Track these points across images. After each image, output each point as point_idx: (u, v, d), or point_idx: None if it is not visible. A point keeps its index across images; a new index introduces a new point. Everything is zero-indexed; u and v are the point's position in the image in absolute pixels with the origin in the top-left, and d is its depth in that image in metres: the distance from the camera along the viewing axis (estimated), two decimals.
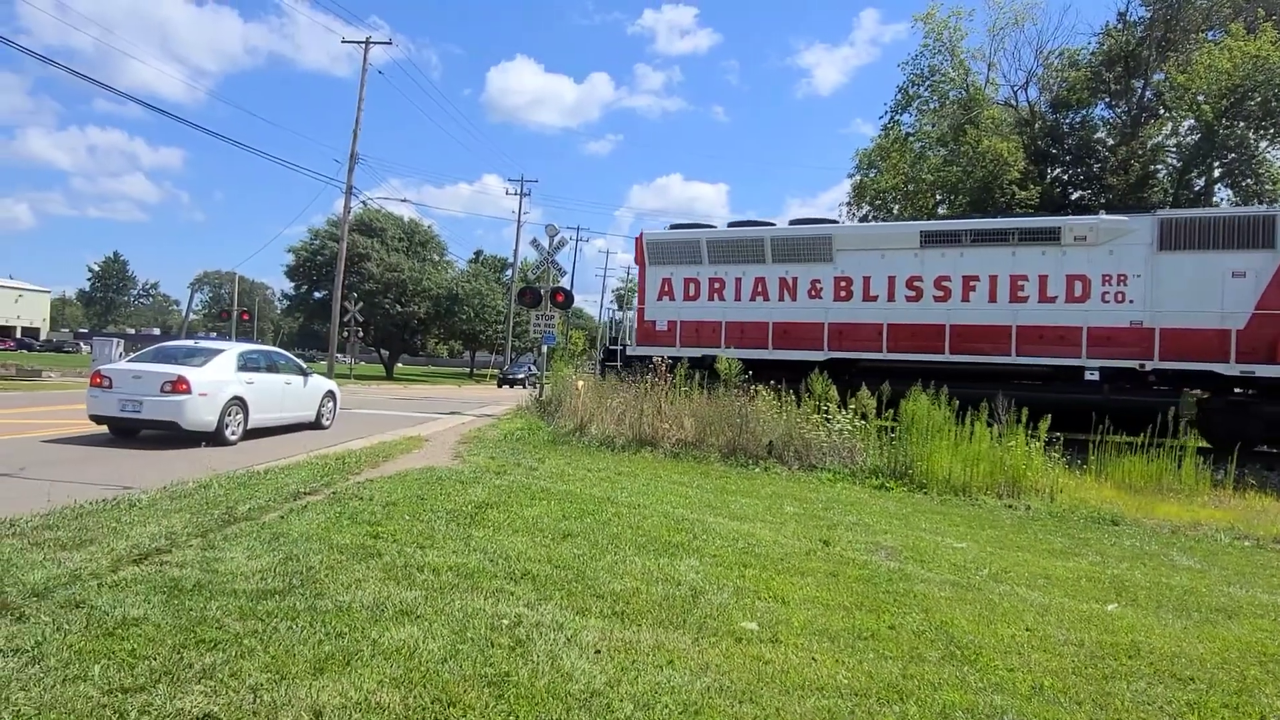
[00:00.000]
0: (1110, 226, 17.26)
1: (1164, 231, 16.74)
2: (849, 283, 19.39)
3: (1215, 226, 16.56)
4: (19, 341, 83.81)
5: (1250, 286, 16.02)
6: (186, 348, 14.08)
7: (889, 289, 18.96)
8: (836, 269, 19.50)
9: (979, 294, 18.13)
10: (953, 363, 17.65)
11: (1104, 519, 10.76)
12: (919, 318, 18.48)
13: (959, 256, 18.46)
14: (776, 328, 19.75)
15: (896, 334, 18.59)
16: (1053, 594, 6.65)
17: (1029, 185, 30.36)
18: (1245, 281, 16.03)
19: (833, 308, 19.37)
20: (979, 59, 35.84)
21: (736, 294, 20.43)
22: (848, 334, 19.08)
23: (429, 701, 3.70)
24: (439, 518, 7.44)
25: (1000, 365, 17.36)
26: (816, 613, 5.57)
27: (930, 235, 18.94)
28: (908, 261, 18.86)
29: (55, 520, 6.47)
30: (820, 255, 19.72)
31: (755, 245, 20.38)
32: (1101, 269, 17.14)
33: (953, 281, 18.39)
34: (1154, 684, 4.71)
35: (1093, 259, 17.25)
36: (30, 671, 3.73)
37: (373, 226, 59.57)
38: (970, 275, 18.24)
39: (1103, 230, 17.25)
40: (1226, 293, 16.13)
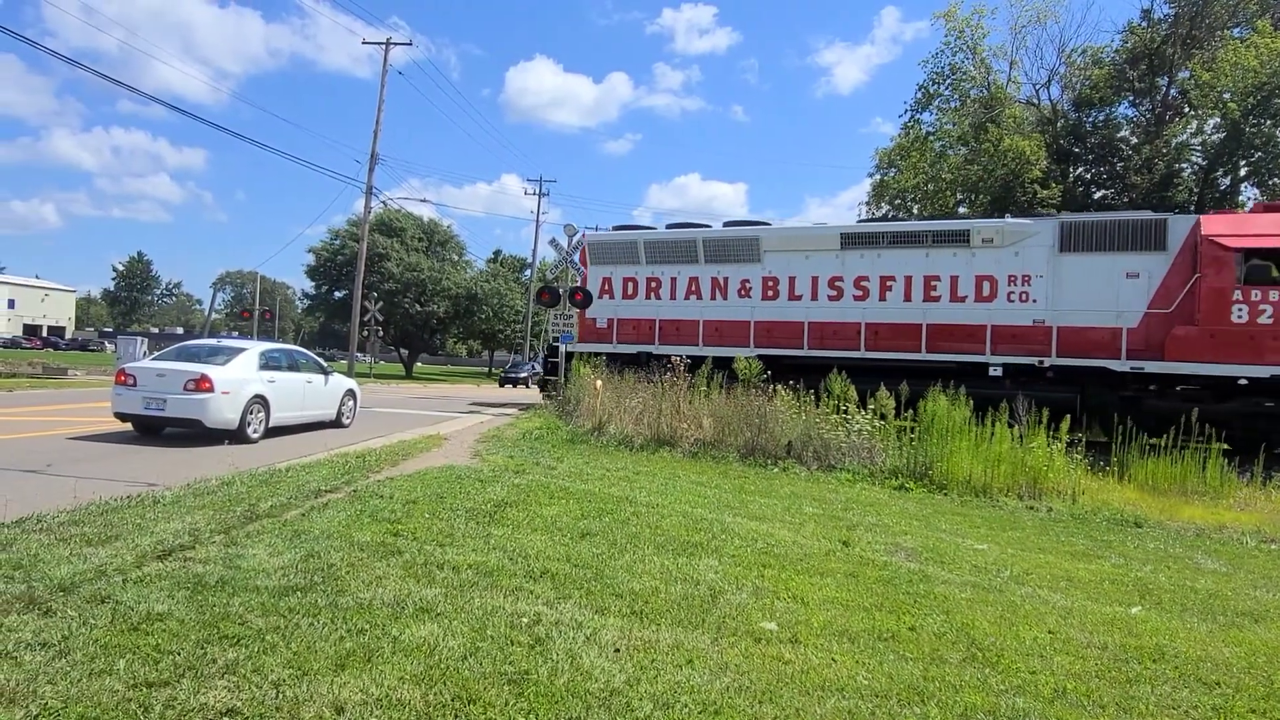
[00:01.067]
0: (1015, 229, 18.17)
1: (1064, 234, 17.61)
2: (776, 282, 20.33)
3: (1111, 230, 17.35)
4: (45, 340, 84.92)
5: (1143, 287, 16.85)
6: (209, 346, 14.22)
7: (812, 289, 19.91)
8: (764, 269, 20.42)
9: (895, 293, 19.05)
10: (868, 359, 18.44)
11: (1127, 521, 10.65)
12: (839, 316, 19.38)
13: (877, 258, 19.33)
14: (707, 325, 20.66)
15: (817, 332, 19.55)
16: (1075, 596, 6.59)
17: (1051, 184, 30.11)
18: (1139, 282, 16.88)
19: (759, 306, 20.28)
20: (1001, 57, 35.61)
21: (672, 293, 21.39)
22: (774, 332, 19.99)
23: (449, 698, 3.72)
24: (458, 516, 7.47)
25: (912, 362, 18.09)
26: (836, 613, 5.54)
27: (850, 237, 19.77)
28: (829, 262, 19.75)
29: (81, 516, 6.55)
30: (749, 256, 20.61)
31: (689, 246, 21.32)
32: (1008, 270, 17.99)
33: (871, 282, 19.30)
34: (1179, 688, 4.65)
35: (1000, 260, 18.11)
36: (57, 665, 3.77)
37: (393, 226, 59.89)
38: (887, 276, 19.13)
39: (1008, 233, 18.12)
40: (1121, 293, 16.97)
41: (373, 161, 39.97)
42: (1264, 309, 15.74)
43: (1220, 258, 16.08)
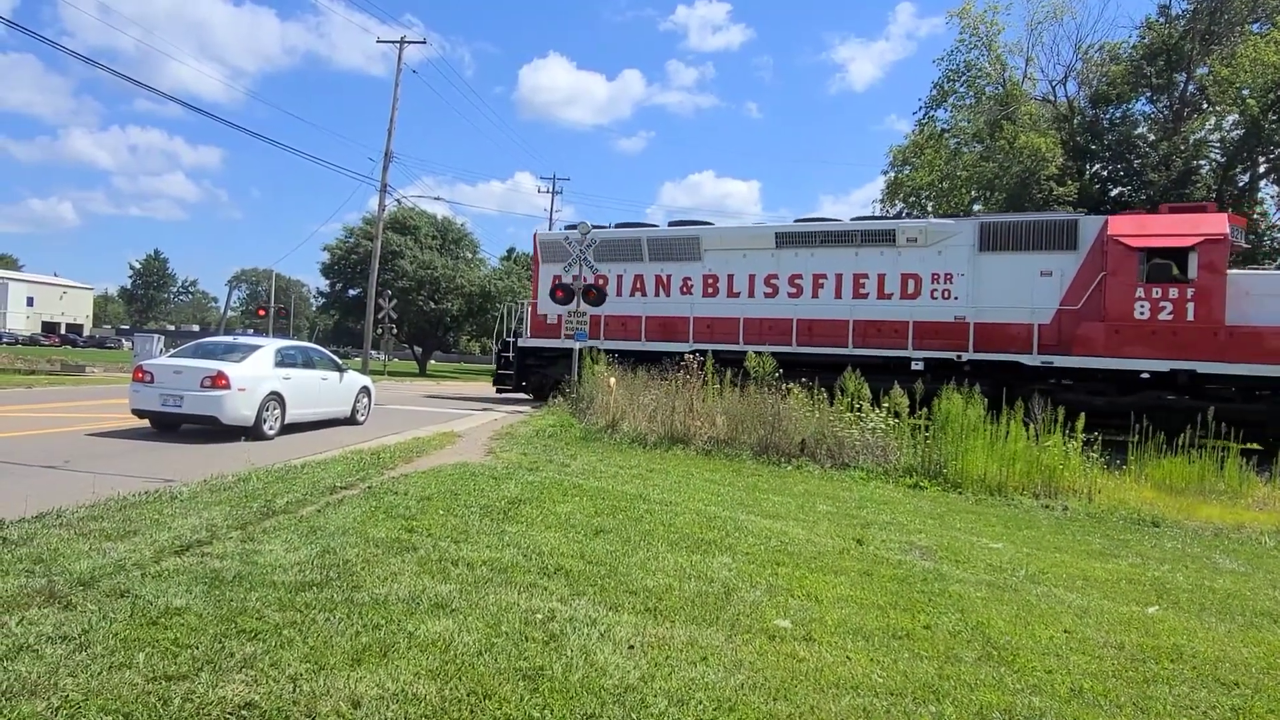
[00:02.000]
0: (938, 229, 19.15)
1: (984, 234, 18.47)
2: (715, 280, 21.30)
3: (1027, 230, 18.19)
4: (63, 337, 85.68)
5: (1056, 285, 17.66)
6: (225, 344, 14.30)
7: (749, 286, 20.82)
8: (705, 267, 21.40)
9: (826, 291, 19.98)
10: (799, 354, 19.26)
11: (1144, 520, 10.58)
12: (773, 312, 20.27)
13: (810, 256, 20.25)
14: (650, 321, 21.69)
15: (753, 327, 20.39)
16: (1091, 596, 6.56)
17: (1067, 181, 29.90)
18: (1052, 280, 17.69)
19: (699, 303, 21.28)
20: (1016, 53, 35.43)
21: (618, 290, 22.17)
22: (713, 327, 20.89)
23: (464, 694, 3.73)
24: (473, 513, 7.49)
25: (839, 356, 18.65)
26: (851, 611, 5.53)
27: (784, 237, 20.67)
28: (766, 261, 20.68)
29: (100, 512, 6.61)
30: (691, 255, 21.59)
31: (634, 245, 22.29)
32: (931, 268, 18.87)
33: (804, 279, 20.23)
34: (1196, 688, 4.62)
35: (924, 259, 18.97)
36: (77, 658, 3.81)
37: (406, 224, 60.07)
38: (819, 274, 20.08)
39: (931, 233, 19.04)
40: (1035, 290, 17.76)
41: (387, 160, 40.12)
42: (1164, 306, 16.50)
43: (1124, 257, 16.86)
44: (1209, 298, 16.25)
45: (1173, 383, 16.21)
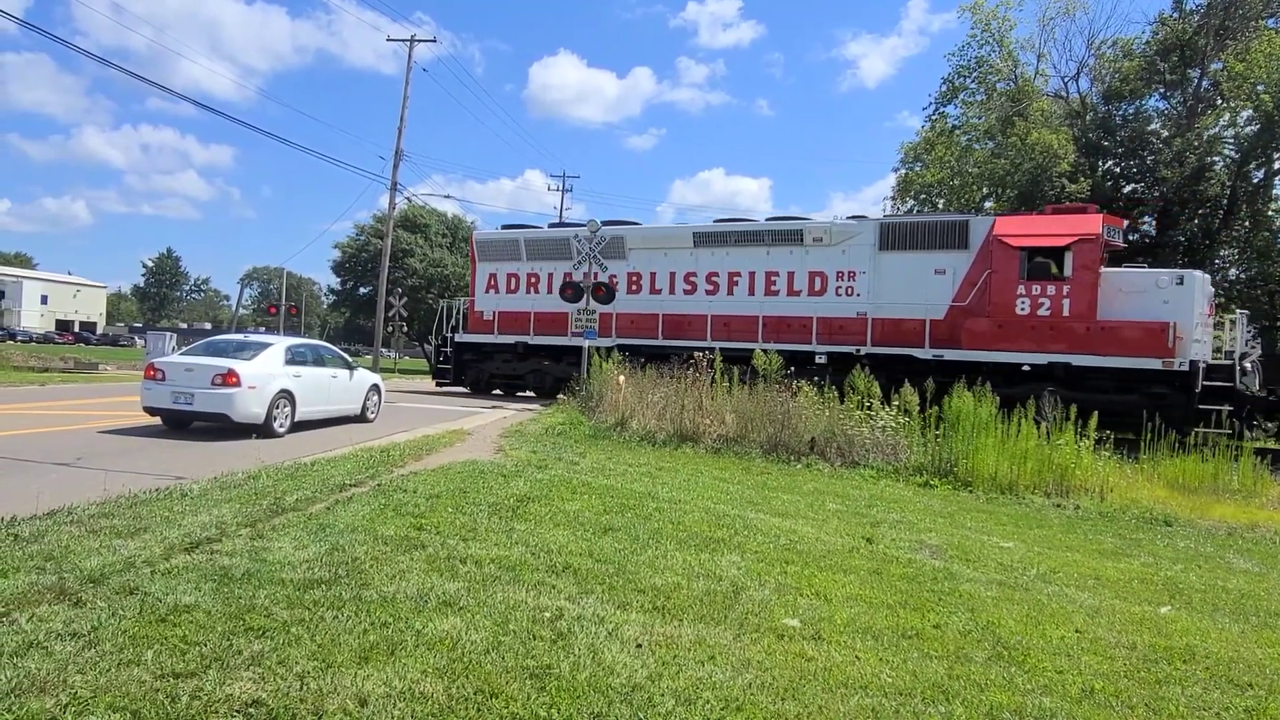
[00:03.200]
0: (842, 229, 20.15)
1: (884, 234, 19.53)
2: (639, 278, 22.24)
3: (923, 230, 19.26)
4: (77, 335, 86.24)
5: (948, 282, 18.62)
6: (236, 341, 14.35)
7: (670, 283, 21.85)
8: (629, 265, 22.36)
9: (741, 288, 20.96)
10: (713, 348, 19.15)
11: (1156, 519, 10.51)
12: (690, 309, 21.34)
13: (725, 255, 21.24)
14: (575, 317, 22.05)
15: (671, 323, 21.50)
16: (1103, 595, 6.51)
17: (1079, 178, 29.69)
18: (945, 278, 18.66)
19: (623, 299, 21.96)
20: (1028, 49, 35.16)
21: (549, 287, 23.14)
22: (636, 323, 21.88)
23: (472, 692, 3.73)
24: (481, 511, 7.50)
25: (750, 351, 18.81)
26: (860, 611, 5.51)
27: (701, 236, 21.74)
28: (685, 259, 21.69)
29: (111, 509, 6.64)
30: (617, 253, 22.45)
31: (563, 244, 23.17)
32: (836, 266, 19.93)
33: (720, 277, 21.23)
34: (1210, 689, 4.58)
35: (829, 258, 20.01)
36: (87, 655, 3.82)
37: (417, 222, 60.18)
38: (734, 272, 21.07)
39: (836, 232, 20.05)
40: (930, 287, 18.75)
41: (397, 158, 40.20)
42: (1043, 302, 17.54)
43: (1007, 255, 17.87)
44: (1083, 294, 17.24)
45: (1051, 374, 17.02)
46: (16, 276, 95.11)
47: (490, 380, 24.71)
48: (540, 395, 23.38)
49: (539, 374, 23.85)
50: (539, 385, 23.81)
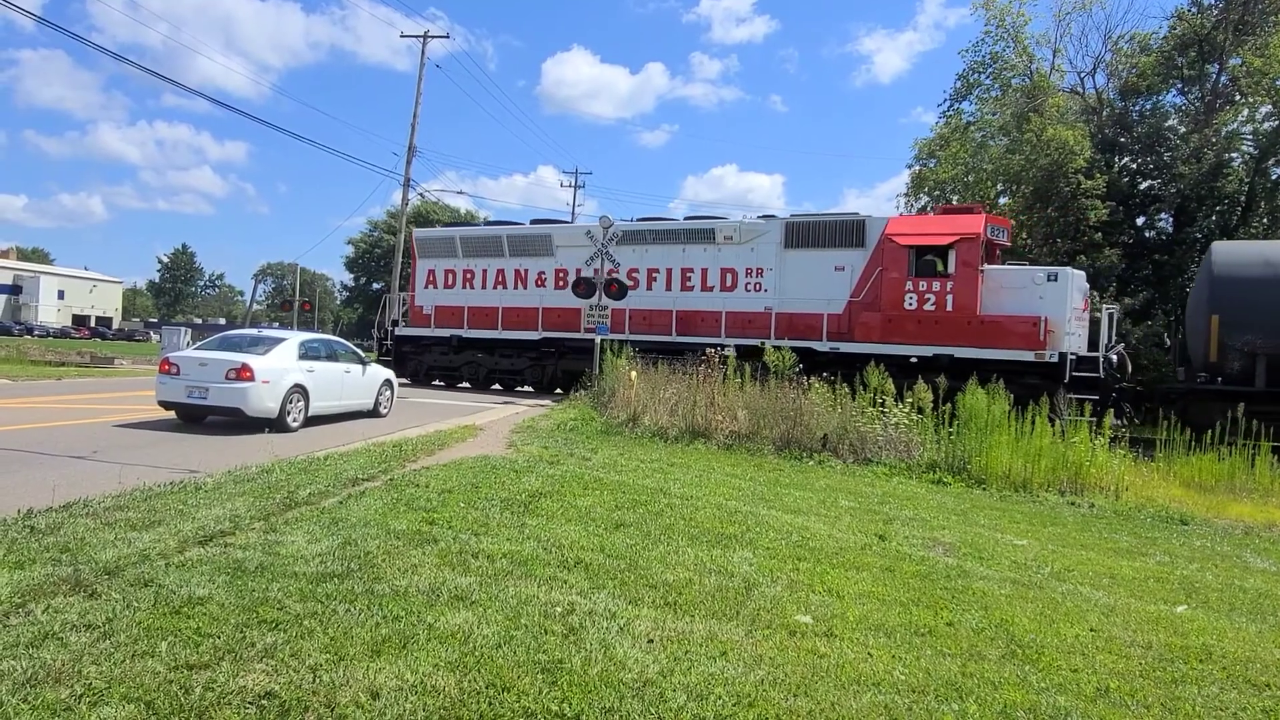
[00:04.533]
0: (750, 228, 21.12)
1: (789, 233, 20.43)
2: (565, 274, 22.94)
3: (825, 229, 20.21)
4: (93, 330, 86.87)
5: (846, 278, 19.60)
6: (250, 336, 14.42)
7: None
8: (556, 262, 23.30)
9: (659, 284, 21.93)
10: (631, 340, 20.78)
11: (1172, 518, 10.43)
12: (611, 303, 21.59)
13: (645, 253, 22.14)
14: (506, 312, 23.54)
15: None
16: (1118, 594, 6.47)
17: (1095, 175, 29.44)
18: (843, 274, 19.63)
19: (548, 295, 23.05)
20: (1044, 45, 34.87)
21: (483, 283, 24.29)
22: (561, 317, 22.64)
23: (483, 686, 3.73)
24: (493, 506, 7.51)
25: (665, 343, 20.82)
26: (872, 608, 5.48)
27: (623, 235, 22.56)
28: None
29: (126, 502, 6.69)
30: (544, 251, 23.55)
31: (496, 242, 24.31)
32: (745, 263, 20.87)
33: (640, 273, 22.09)
34: (1226, 689, 4.54)
35: (739, 255, 20.96)
36: (102, 646, 3.85)
37: (430, 219, 60.29)
38: (653, 268, 22.04)
39: (744, 231, 21.00)
40: (830, 283, 19.74)
41: (410, 154, 40.27)
42: (929, 297, 18.50)
43: (897, 253, 18.81)
44: (965, 290, 18.21)
45: (937, 366, 17.55)
46: (34, 272, 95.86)
47: (429, 372, 25.51)
48: (475, 386, 24.38)
49: (473, 366, 24.74)
50: (473, 377, 24.80)
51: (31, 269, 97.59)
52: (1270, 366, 17.08)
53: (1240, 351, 17.47)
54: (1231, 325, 17.53)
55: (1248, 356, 17.40)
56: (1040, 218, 30.29)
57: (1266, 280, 17.54)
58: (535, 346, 23.37)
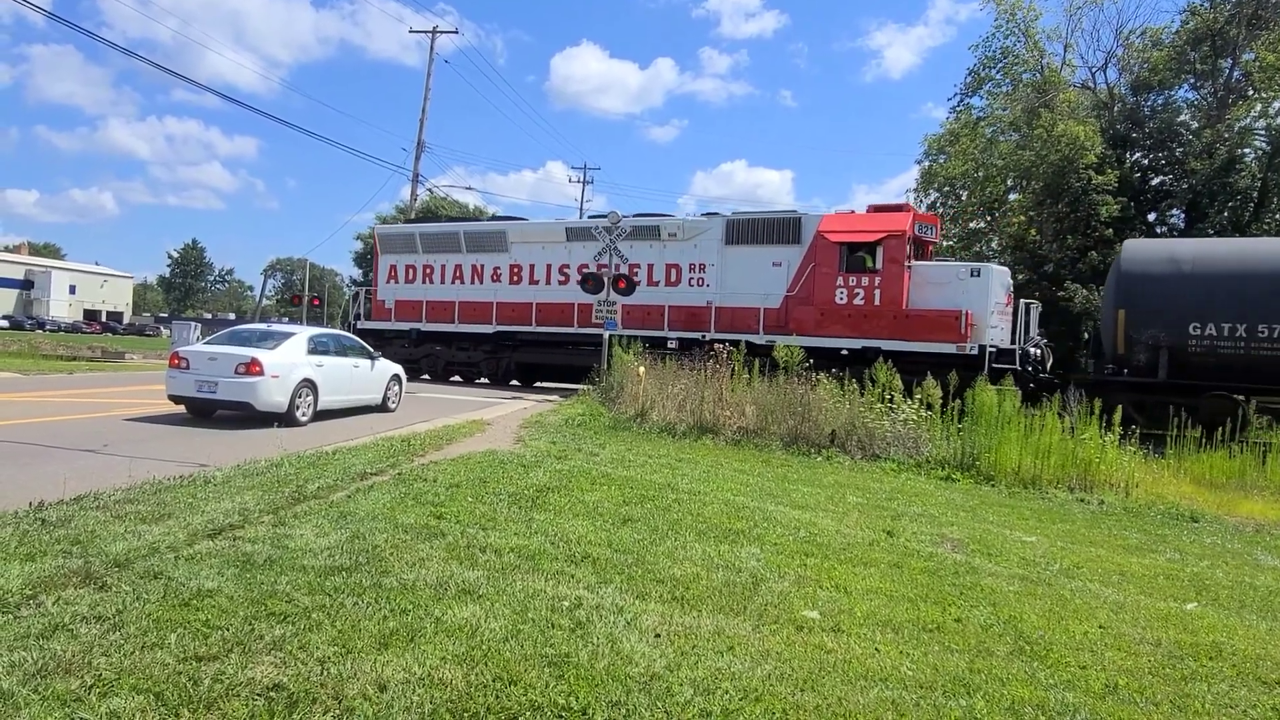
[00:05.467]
0: (693, 225, 21.86)
1: (730, 229, 21.20)
2: (519, 269, 23.93)
3: (763, 226, 20.93)
4: (104, 325, 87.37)
5: (783, 274, 20.34)
6: (259, 331, 14.46)
7: (546, 275, 23.53)
8: (511, 258, 24.09)
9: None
10: (579, 334, 22.30)
11: (1182, 515, 10.38)
12: (561, 298, 22.92)
13: (594, 249, 21.96)
14: (463, 306, 24.35)
15: (543, 312, 23.19)
16: (1128, 591, 6.44)
17: (1106, 170, 29.27)
18: (781, 270, 20.36)
19: (503, 290, 23.96)
20: (1055, 39, 34.67)
21: (441, 278, 25.11)
22: (514, 311, 23.62)
23: (490, 679, 3.74)
24: (501, 500, 7.52)
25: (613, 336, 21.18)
26: (880, 603, 5.47)
27: (573, 231, 23.42)
28: (559, 252, 23.39)
29: (136, 495, 6.72)
30: (500, 247, 24.29)
31: (453, 238, 25.23)
32: (689, 259, 21.65)
33: (590, 269, 22.04)
34: (1236, 686, 4.52)
35: (683, 251, 21.75)
36: (111, 638, 3.87)
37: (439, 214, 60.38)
38: (602, 264, 21.64)
39: (688, 228, 21.76)
40: (768, 279, 20.46)
41: (419, 149, 40.32)
42: (858, 292, 19.43)
43: (828, 250, 19.71)
44: (892, 285, 19.05)
45: (866, 358, 17.90)
46: (46, 267, 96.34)
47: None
48: (434, 379, 24.88)
49: (431, 358, 25.36)
50: (432, 369, 25.39)
51: (43, 264, 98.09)
52: (1172, 358, 17.79)
53: (1145, 345, 18.19)
54: (1137, 320, 18.28)
55: (1152, 349, 18.11)
56: (1051, 214, 30.14)
57: (1170, 277, 18.27)
58: (491, 339, 24.09)
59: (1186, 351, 17.68)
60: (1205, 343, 17.54)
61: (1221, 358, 17.40)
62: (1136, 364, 18.35)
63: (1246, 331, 17.15)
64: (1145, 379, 17.64)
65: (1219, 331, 17.40)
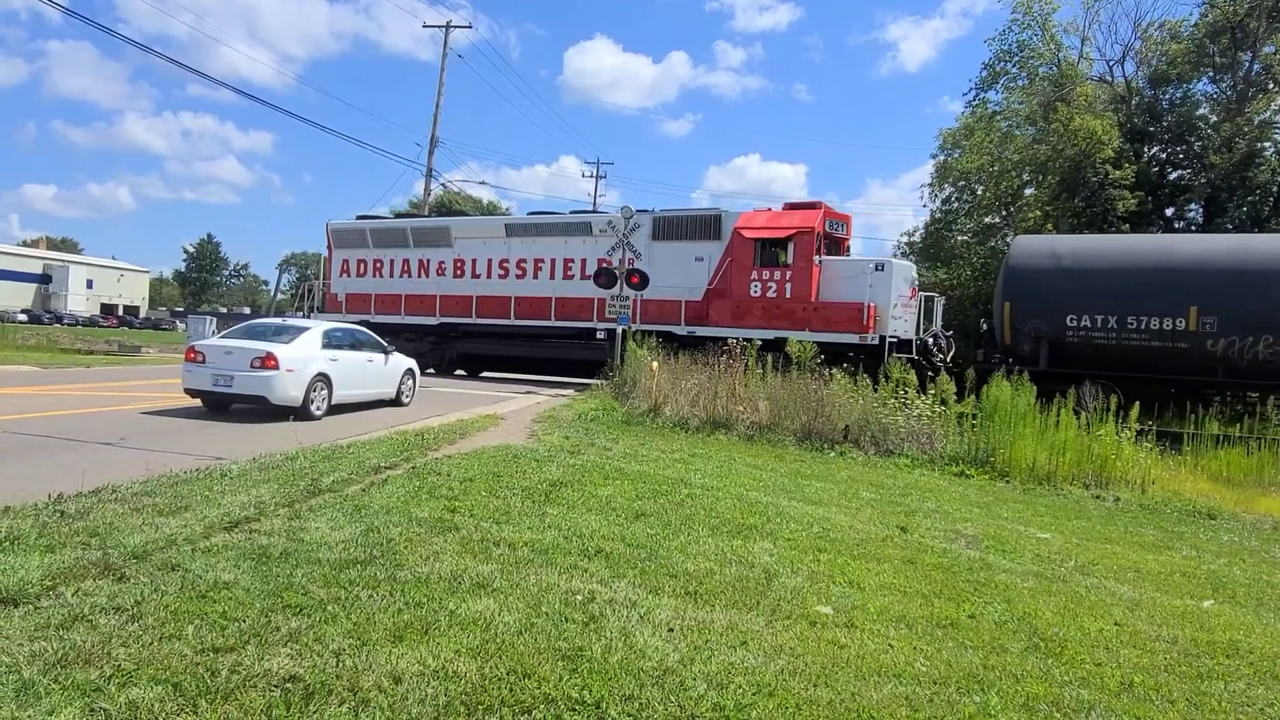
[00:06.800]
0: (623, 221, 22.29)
1: (656, 225, 22.00)
2: (462, 263, 24.74)
3: (686, 222, 21.90)
4: (121, 319, 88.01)
5: (705, 268, 21.25)
6: (274, 325, 14.53)
7: (487, 269, 24.37)
8: (455, 253, 24.90)
9: (544, 273, 23.54)
10: (515, 326, 23.45)
11: (1199, 512, 10.30)
12: (499, 291, 23.92)
13: (532, 243, 23.78)
14: (409, 299, 25.19)
15: (483, 304, 24.12)
16: (1144, 588, 6.40)
17: (1124, 165, 29.03)
18: (703, 264, 21.28)
19: (445, 283, 24.81)
20: (1072, 33, 34.39)
21: (391, 272, 25.97)
22: (456, 304, 24.52)
23: (504, 672, 3.76)
24: (514, 494, 7.54)
25: (544, 328, 23.13)
26: (893, 599, 5.46)
27: (512, 227, 24.70)
28: (499, 247, 24.24)
29: (153, 488, 6.77)
30: (444, 242, 25.15)
31: (401, 233, 26.06)
32: (619, 254, 21.45)
33: (527, 263, 23.73)
34: (1254, 685, 4.49)
35: (615, 247, 21.69)
36: (130, 629, 3.91)
37: (452, 209, 60.49)
38: (539, 259, 23.61)
39: (618, 224, 21.84)
40: (692, 273, 21.41)
41: (432, 144, 40.38)
42: (771, 285, 20.36)
43: (744, 245, 20.63)
44: (801, 279, 19.98)
45: (778, 348, 18.03)
46: (64, 261, 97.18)
47: None
48: None
49: None
50: None
51: (61, 258, 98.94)
52: (1052, 348, 19.05)
53: (1028, 335, 19.43)
54: (1021, 311, 19.53)
55: (1034, 339, 19.33)
56: (1067, 208, 29.94)
57: (1051, 271, 19.50)
58: (435, 331, 24.97)
59: (1064, 341, 18.93)
60: (1081, 333, 18.80)
61: (1096, 347, 18.64)
62: (1021, 353, 19.41)
63: (1118, 323, 18.42)
64: (1028, 367, 18.06)
65: (1094, 323, 18.66)
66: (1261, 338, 17.24)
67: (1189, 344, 17.79)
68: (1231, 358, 17.55)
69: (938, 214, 36.49)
